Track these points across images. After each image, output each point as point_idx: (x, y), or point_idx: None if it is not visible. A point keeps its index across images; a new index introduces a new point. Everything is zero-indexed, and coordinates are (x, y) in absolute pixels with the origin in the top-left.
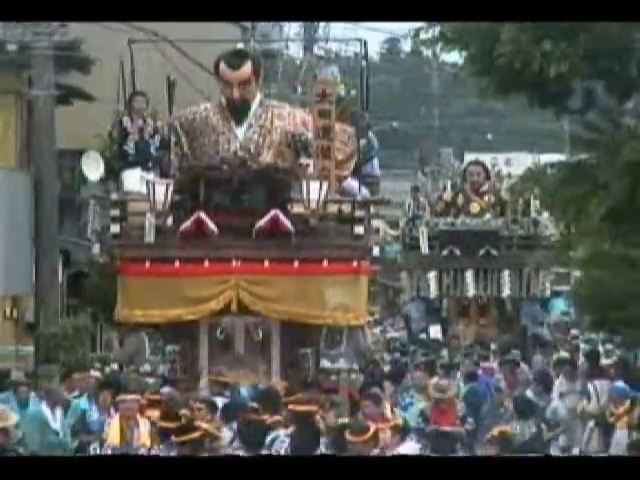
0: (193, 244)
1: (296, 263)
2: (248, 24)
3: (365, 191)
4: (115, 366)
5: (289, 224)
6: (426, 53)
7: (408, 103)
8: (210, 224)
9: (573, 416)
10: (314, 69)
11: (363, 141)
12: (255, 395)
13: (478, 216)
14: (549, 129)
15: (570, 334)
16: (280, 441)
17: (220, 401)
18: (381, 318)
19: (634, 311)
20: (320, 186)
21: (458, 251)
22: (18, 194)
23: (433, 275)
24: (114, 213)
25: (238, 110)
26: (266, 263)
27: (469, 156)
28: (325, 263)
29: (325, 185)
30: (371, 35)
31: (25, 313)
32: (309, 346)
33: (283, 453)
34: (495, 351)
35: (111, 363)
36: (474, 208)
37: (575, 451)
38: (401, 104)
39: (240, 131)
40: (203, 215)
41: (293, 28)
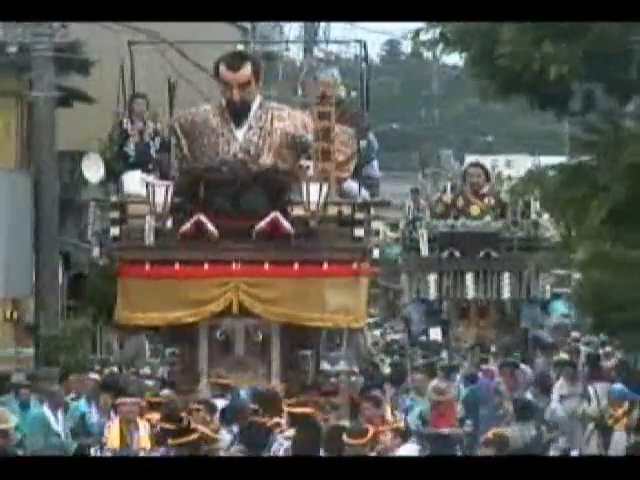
0: (193, 246)
1: (296, 265)
2: (248, 26)
3: (365, 193)
4: (115, 368)
5: (289, 226)
6: (426, 55)
7: (408, 105)
8: (210, 226)
9: (573, 418)
10: (314, 71)
11: (363, 143)
12: (255, 397)
13: (478, 218)
14: (549, 131)
15: (570, 336)
16: (279, 444)
17: (220, 403)
18: (381, 320)
19: (634, 314)
20: (320, 188)
21: (458, 253)
22: (18, 196)
23: (433, 277)
24: (114, 215)
25: (238, 112)
26: (266, 265)
27: (469, 158)
28: (325, 265)
29: (325, 187)
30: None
31: (25, 315)
32: (309, 348)
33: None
34: (495, 353)
35: (111, 365)
36: (474, 210)
37: (574, 453)
38: (401, 106)
39: (240, 133)
40: (203, 217)
41: (293, 30)
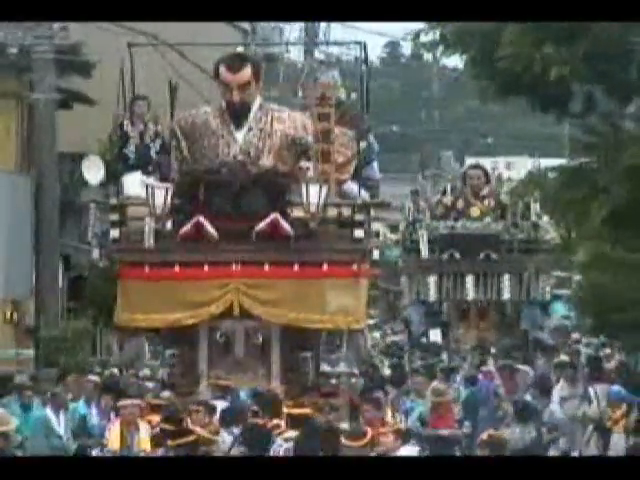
0: (193, 248)
1: (296, 267)
2: (249, 28)
3: (365, 194)
4: (115, 370)
5: (289, 228)
6: (426, 57)
7: (408, 107)
8: (210, 228)
9: (574, 420)
10: (315, 73)
11: (363, 144)
12: (255, 399)
13: (478, 220)
14: (549, 133)
15: (571, 338)
16: (278, 445)
17: (219, 405)
18: (381, 322)
19: (634, 315)
20: (320, 189)
21: (458, 255)
22: (18, 197)
23: (433, 279)
24: (113, 217)
25: (238, 113)
26: (266, 267)
27: (469, 160)
28: (325, 267)
29: (325, 188)
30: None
31: (25, 316)
32: (309, 350)
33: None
34: (495, 355)
35: (111, 367)
36: (474, 212)
37: (574, 455)
38: (401, 108)
39: (240, 134)
40: (202, 219)
41: (294, 32)
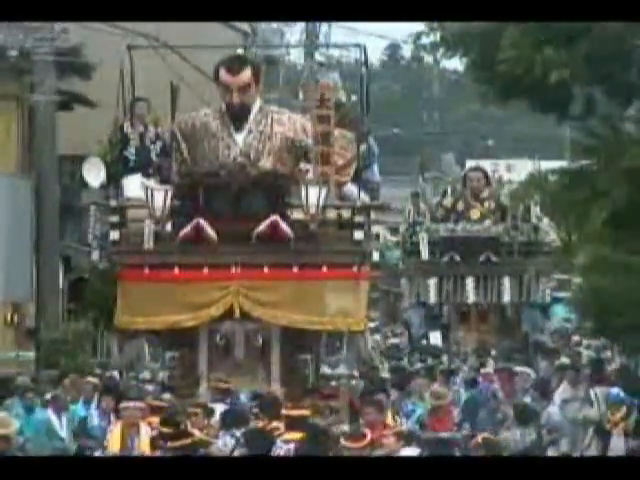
0: (192, 250)
1: (296, 269)
2: (249, 30)
3: (365, 197)
4: (114, 372)
5: (288, 230)
6: (427, 59)
7: (409, 109)
8: (209, 230)
9: (575, 422)
10: (315, 75)
11: (363, 147)
12: (255, 401)
13: (478, 222)
14: (550, 135)
15: (571, 341)
16: (278, 447)
17: (218, 407)
18: (381, 324)
19: (634, 318)
20: (319, 191)
21: (458, 257)
22: (19, 200)
23: (433, 281)
24: (113, 219)
25: (238, 116)
26: (265, 269)
27: (470, 162)
28: (325, 269)
29: (324, 190)
30: (372, 41)
31: (26, 319)
32: (309, 352)
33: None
34: (495, 357)
35: (110, 369)
36: (474, 214)
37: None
38: (402, 110)
39: (240, 137)
40: (202, 221)
41: (294, 34)
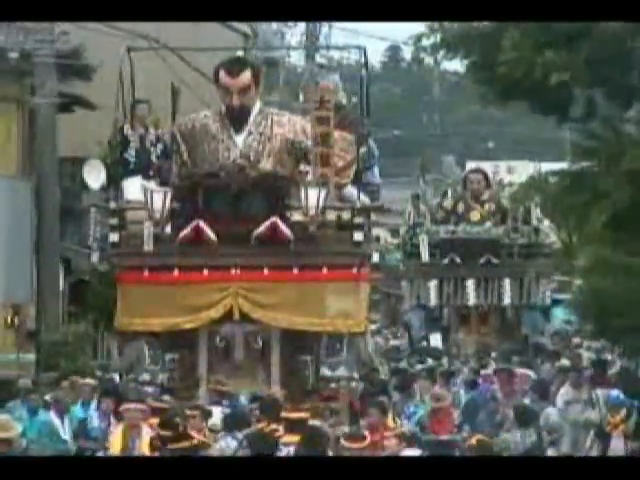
0: (192, 252)
1: (295, 270)
2: (250, 32)
3: (365, 199)
4: (115, 374)
5: (288, 231)
6: (427, 61)
7: (409, 111)
8: (209, 232)
9: (577, 424)
10: (316, 77)
11: (363, 149)
12: (255, 403)
13: (479, 224)
14: (550, 137)
15: (572, 343)
16: (277, 450)
17: (217, 409)
18: (382, 326)
19: (635, 319)
20: (319, 193)
21: (459, 259)
22: (19, 201)
23: (434, 283)
24: (113, 222)
25: (237, 117)
26: (265, 271)
27: (471, 164)
28: (324, 270)
29: (324, 192)
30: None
31: (26, 321)
32: (309, 354)
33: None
34: (495, 359)
35: (110, 372)
36: (474, 216)
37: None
38: (402, 112)
39: (239, 138)
40: (202, 223)
41: (295, 36)
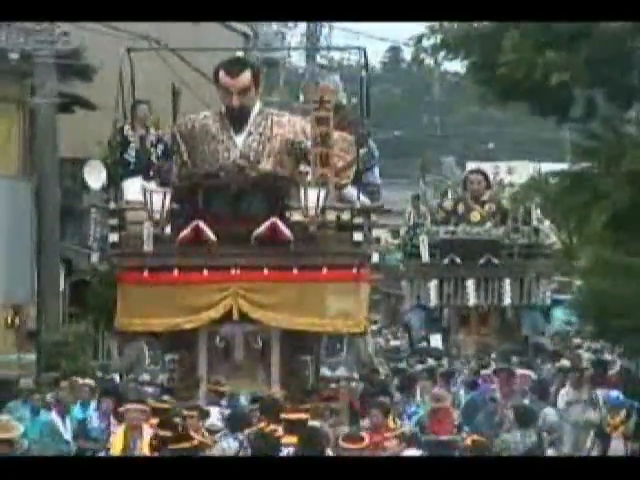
0: (192, 252)
1: (295, 271)
2: (250, 33)
3: (365, 199)
4: (115, 375)
5: (288, 232)
6: (428, 62)
7: (409, 112)
8: (209, 232)
9: (578, 425)
10: (316, 78)
11: (363, 149)
12: (255, 403)
13: (479, 225)
14: (551, 138)
15: (572, 343)
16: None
17: (216, 410)
18: (382, 326)
19: (635, 320)
20: (319, 193)
21: (459, 260)
22: (20, 202)
23: (434, 284)
24: (113, 222)
25: (237, 118)
26: (265, 271)
27: (471, 165)
28: (324, 270)
29: (324, 192)
30: (373, 44)
31: (27, 321)
32: (309, 354)
33: None
34: (495, 360)
35: (110, 372)
36: (475, 217)
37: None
38: (402, 113)
39: (239, 139)
40: (202, 223)
41: (295, 37)
